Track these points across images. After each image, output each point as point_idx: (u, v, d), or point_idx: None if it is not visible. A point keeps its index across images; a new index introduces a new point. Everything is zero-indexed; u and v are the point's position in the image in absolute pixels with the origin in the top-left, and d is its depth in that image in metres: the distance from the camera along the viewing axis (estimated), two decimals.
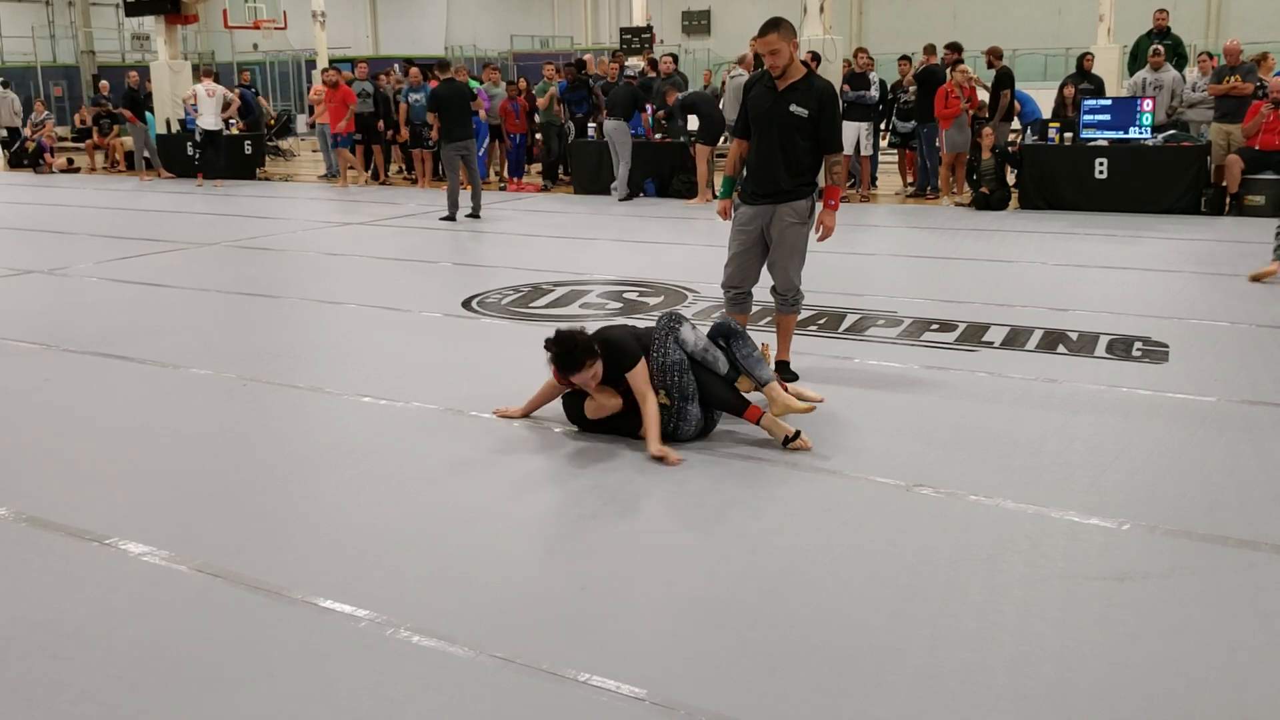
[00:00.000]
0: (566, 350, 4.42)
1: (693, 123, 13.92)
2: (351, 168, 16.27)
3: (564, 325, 4.65)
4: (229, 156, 16.88)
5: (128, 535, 3.66)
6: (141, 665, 2.87)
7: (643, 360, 4.49)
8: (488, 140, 15.75)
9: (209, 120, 16.06)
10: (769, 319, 6.11)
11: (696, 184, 13.46)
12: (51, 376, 5.83)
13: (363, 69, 17.28)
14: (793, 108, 5.16)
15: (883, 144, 14.55)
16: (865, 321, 6.74)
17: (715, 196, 13.40)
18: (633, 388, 4.48)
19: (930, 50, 13.76)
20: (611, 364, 4.49)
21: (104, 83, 21.66)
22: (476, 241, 10.81)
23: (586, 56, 16.94)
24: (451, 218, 11.96)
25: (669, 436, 4.50)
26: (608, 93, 14.52)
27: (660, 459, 4.31)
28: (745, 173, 5.46)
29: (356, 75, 16.78)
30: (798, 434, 4.48)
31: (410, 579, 3.35)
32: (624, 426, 4.58)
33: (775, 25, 5.11)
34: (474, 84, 15.27)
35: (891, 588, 3.25)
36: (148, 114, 18.04)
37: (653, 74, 15.04)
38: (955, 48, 13.17)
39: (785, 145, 5.22)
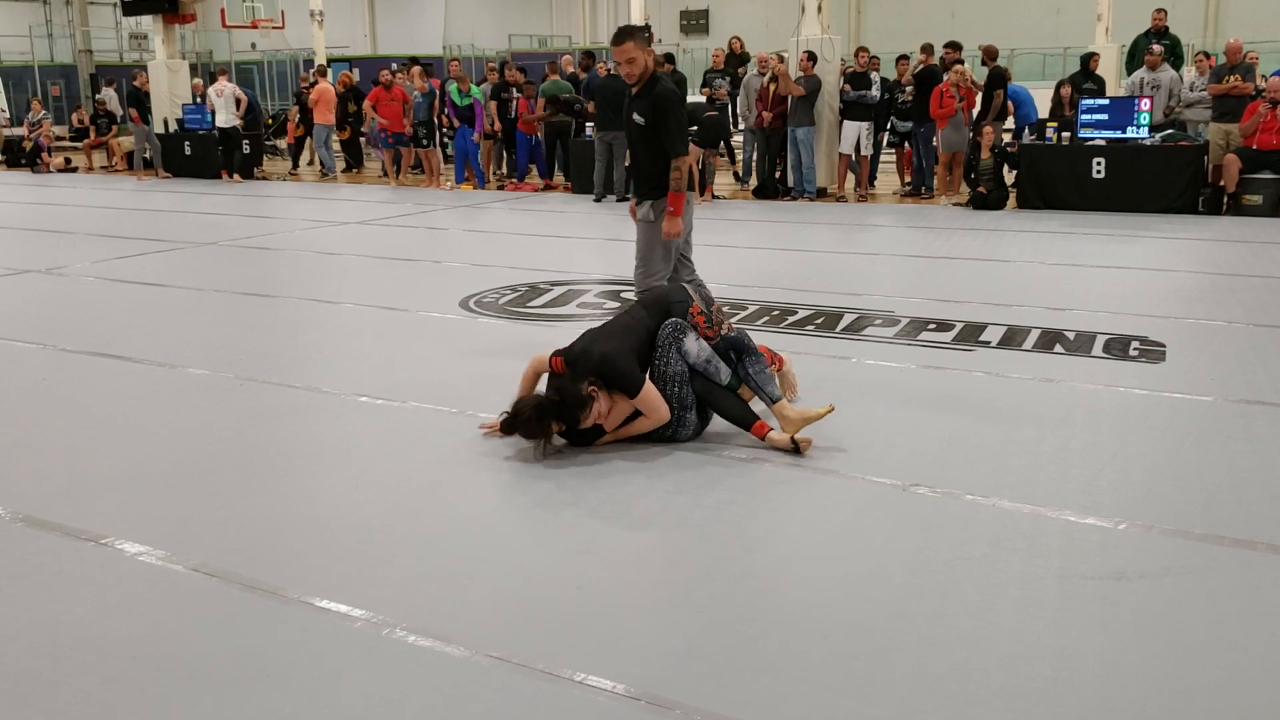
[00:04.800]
0: (552, 416, 4.29)
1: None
2: (413, 166, 16.44)
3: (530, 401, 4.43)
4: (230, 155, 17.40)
5: (124, 535, 3.65)
6: (137, 665, 2.86)
7: (648, 382, 4.40)
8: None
9: (222, 118, 16.94)
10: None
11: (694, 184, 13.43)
12: (48, 376, 5.83)
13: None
14: (635, 116, 5.36)
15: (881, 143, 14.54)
16: (862, 321, 6.74)
17: (714, 196, 13.46)
18: (641, 410, 4.40)
19: (928, 50, 13.76)
20: (613, 386, 4.40)
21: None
22: (474, 241, 10.81)
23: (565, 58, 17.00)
24: (599, 199, 13.70)
25: (666, 439, 4.51)
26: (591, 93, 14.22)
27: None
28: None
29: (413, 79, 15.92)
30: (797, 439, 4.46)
31: (406, 578, 3.35)
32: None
33: (630, 34, 5.25)
34: (475, 90, 15.16)
35: (888, 587, 3.25)
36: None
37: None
38: (955, 46, 13.16)
39: (635, 149, 5.52)
